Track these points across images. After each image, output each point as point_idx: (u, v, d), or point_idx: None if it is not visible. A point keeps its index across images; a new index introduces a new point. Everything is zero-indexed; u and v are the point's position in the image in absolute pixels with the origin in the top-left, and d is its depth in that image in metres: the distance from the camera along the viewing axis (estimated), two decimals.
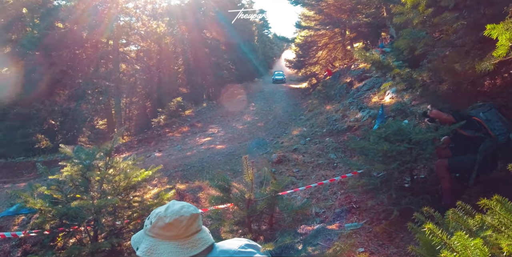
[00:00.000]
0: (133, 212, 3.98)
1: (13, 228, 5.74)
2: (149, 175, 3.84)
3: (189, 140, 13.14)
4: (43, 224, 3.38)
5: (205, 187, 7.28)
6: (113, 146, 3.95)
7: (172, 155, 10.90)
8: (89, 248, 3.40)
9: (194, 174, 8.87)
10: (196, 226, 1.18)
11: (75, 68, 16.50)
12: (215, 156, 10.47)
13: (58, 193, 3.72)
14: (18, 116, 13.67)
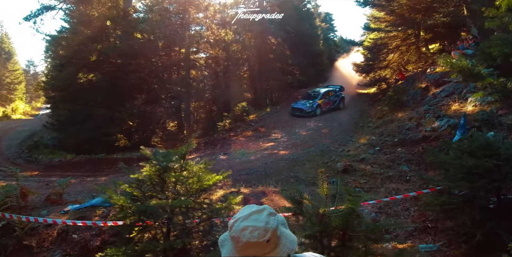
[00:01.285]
0: (203, 213, 4.11)
1: (94, 218, 6.33)
2: (220, 180, 3.93)
3: (253, 144, 13.35)
4: (124, 219, 3.64)
5: (269, 193, 7.27)
6: (188, 150, 4.13)
7: (236, 159, 11.17)
8: (163, 245, 3.58)
9: (258, 178, 8.94)
10: (271, 245, 1.14)
11: (151, 74, 17.97)
12: (278, 161, 10.46)
13: (137, 191, 4.00)
14: (102, 117, 15.28)
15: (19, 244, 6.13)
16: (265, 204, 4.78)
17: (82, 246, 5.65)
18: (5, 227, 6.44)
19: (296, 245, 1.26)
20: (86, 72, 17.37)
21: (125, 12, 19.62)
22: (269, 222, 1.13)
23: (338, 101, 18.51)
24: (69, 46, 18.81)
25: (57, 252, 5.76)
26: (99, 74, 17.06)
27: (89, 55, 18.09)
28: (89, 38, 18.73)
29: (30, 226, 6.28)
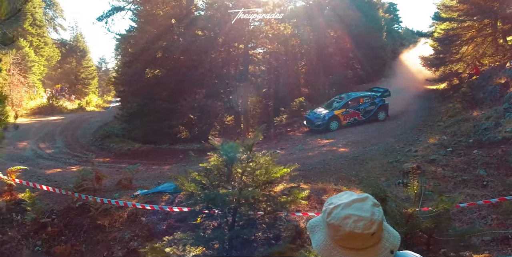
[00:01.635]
0: (268, 206, 4.06)
1: (161, 203, 6.68)
2: (287, 173, 3.84)
3: (310, 140, 13.10)
4: (193, 205, 3.74)
5: (329, 190, 7.04)
6: (254, 142, 4.11)
7: (293, 154, 11.04)
8: (229, 233, 3.61)
9: (316, 175, 8.72)
10: (375, 239, 1.03)
11: (211, 70, 18.55)
12: (337, 159, 10.10)
13: (205, 180, 4.09)
14: (166, 110, 16.19)
15: (93, 223, 6.71)
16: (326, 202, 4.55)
17: (149, 228, 6.00)
18: (81, 207, 7.10)
19: (399, 242, 1.15)
20: (152, 68, 18.51)
21: (188, 10, 20.46)
22: (374, 213, 1.03)
23: (374, 110, 14.54)
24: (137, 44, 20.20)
25: (126, 233, 6.19)
26: (163, 69, 18.07)
27: (155, 52, 19.22)
28: (155, 36, 19.90)
29: (103, 207, 6.84)
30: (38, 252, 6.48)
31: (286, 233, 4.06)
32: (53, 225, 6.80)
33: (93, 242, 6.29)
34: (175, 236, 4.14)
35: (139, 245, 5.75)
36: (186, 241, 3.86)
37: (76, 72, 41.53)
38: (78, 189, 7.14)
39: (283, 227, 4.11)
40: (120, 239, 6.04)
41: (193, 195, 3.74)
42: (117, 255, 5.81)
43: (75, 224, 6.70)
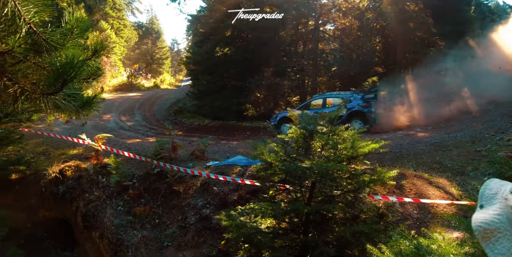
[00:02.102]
0: (348, 183, 3.78)
1: (232, 175, 6.80)
2: (375, 148, 3.49)
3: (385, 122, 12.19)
4: (272, 176, 3.62)
5: (409, 176, 6.45)
6: (337, 115, 3.81)
7: (366, 136, 10.38)
8: (308, 207, 3.43)
9: (392, 159, 8.08)
10: None
11: (279, 47, 18.15)
12: (416, 144, 9.24)
13: (282, 152, 3.94)
14: (234, 88, 16.43)
15: (170, 189, 7.13)
16: (405, 187, 3.99)
17: (221, 198, 6.15)
18: (159, 174, 7.57)
19: None
20: (222, 46, 18.78)
21: None
22: None
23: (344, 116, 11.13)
24: (207, 23, 20.58)
25: (199, 200, 6.45)
26: (232, 48, 18.22)
27: (225, 30, 19.41)
28: (225, 14, 20.04)
29: (179, 175, 7.21)
30: (120, 211, 7.13)
31: (367, 215, 3.75)
32: (134, 188, 7.40)
33: (169, 206, 6.69)
34: (247, 206, 4.12)
35: (211, 213, 5.95)
36: (259, 211, 3.80)
37: (151, 53, 44.44)
38: (156, 157, 7.61)
39: (365, 207, 3.81)
40: (193, 206, 6.32)
41: (271, 166, 3.62)
42: (190, 220, 6.10)
43: (153, 189, 7.19)
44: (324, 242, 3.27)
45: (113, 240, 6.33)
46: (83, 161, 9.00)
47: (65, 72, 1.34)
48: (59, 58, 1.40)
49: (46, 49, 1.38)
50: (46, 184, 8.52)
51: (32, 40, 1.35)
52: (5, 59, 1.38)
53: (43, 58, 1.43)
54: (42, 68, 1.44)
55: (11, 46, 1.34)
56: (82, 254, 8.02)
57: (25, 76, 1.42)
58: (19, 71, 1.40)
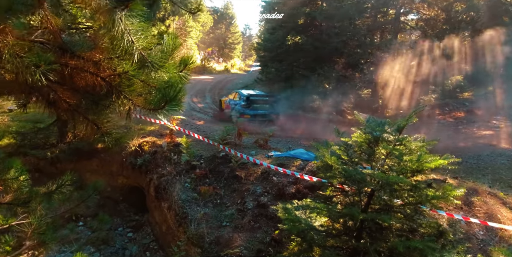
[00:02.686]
0: (409, 196, 3.73)
1: (292, 168, 7.02)
2: (442, 165, 3.37)
3: (464, 128, 11.19)
4: (331, 178, 3.74)
5: (482, 193, 5.97)
6: (407, 123, 3.72)
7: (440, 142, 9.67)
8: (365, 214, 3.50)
9: (466, 171, 7.49)
10: None
11: (353, 38, 17.39)
12: (496, 157, 8.39)
13: (344, 155, 4.00)
14: (302, 77, 16.33)
15: (232, 173, 7.63)
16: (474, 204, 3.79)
17: (279, 188, 6.43)
18: (224, 158, 8.11)
19: None
20: (294, 34, 18.65)
21: None
22: None
23: None
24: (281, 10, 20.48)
25: (258, 187, 6.82)
26: (304, 36, 17.98)
27: (298, 18, 19.18)
28: (299, 2, 19.71)
29: (242, 161, 7.66)
30: (187, 187, 7.87)
31: (426, 230, 3.67)
32: (201, 168, 8.07)
33: (230, 189, 7.21)
34: (304, 201, 4.30)
35: (268, 201, 6.28)
36: (315, 209, 3.96)
37: (224, 37, 45.89)
38: (223, 142, 8.15)
39: (425, 222, 3.73)
40: (252, 192, 6.72)
41: (331, 168, 3.73)
42: (248, 205, 6.52)
43: (217, 171, 7.77)
44: (375, 251, 3.33)
45: (179, 212, 7.07)
46: (158, 138, 9.98)
47: (167, 94, 1.67)
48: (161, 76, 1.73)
49: (150, 69, 1.70)
50: (126, 155, 9.68)
51: (141, 63, 1.68)
52: (122, 79, 1.75)
53: (148, 77, 1.77)
54: (147, 85, 1.79)
55: (126, 69, 1.69)
56: (151, 220, 9.10)
57: (139, 95, 1.79)
58: (133, 90, 1.77)
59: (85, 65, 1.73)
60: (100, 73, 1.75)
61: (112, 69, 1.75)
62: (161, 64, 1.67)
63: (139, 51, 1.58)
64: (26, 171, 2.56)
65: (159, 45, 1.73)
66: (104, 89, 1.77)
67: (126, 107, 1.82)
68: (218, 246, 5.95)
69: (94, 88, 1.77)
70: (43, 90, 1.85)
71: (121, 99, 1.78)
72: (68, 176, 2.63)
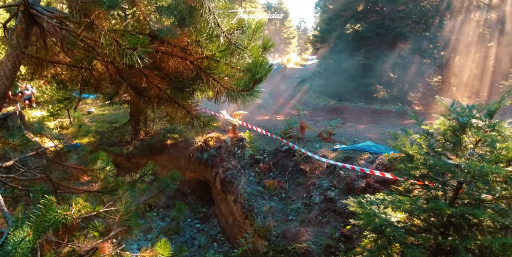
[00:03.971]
0: (503, 189, 3.27)
1: (360, 161, 6.68)
2: None
3: None
4: (412, 169, 3.44)
5: None
6: (499, 107, 3.26)
7: None
8: (452, 209, 3.16)
9: None
10: None
11: (420, 21, 15.97)
12: None
13: (425, 144, 3.65)
14: (364, 67, 15.48)
15: (296, 167, 7.53)
16: None
17: (347, 183, 6.16)
18: (287, 151, 8.04)
19: None
20: (353, 23, 17.75)
21: None
22: None
23: None
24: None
25: (325, 182, 6.62)
26: (364, 24, 17.01)
27: (356, 5, 18.20)
28: None
29: (306, 155, 7.52)
30: (252, 181, 7.96)
31: None
32: (264, 162, 8.11)
33: (295, 183, 7.12)
34: (378, 195, 4.04)
35: (336, 196, 6.06)
36: (392, 204, 3.69)
37: (279, 33, 45.65)
38: (286, 136, 8.08)
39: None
40: (318, 186, 6.55)
41: (412, 159, 3.42)
42: (314, 199, 6.37)
43: (281, 165, 7.73)
44: (465, 249, 2.98)
45: (245, 205, 7.20)
46: (222, 133, 10.27)
47: (256, 74, 1.63)
48: (245, 58, 1.71)
49: (236, 51, 1.69)
50: (193, 150, 10.13)
51: (226, 45, 1.67)
52: (209, 62, 1.76)
53: (232, 60, 1.76)
54: (232, 67, 1.78)
55: (213, 51, 1.70)
56: (217, 212, 9.43)
57: (227, 77, 1.80)
58: (221, 72, 1.77)
59: (173, 50, 1.78)
60: (188, 57, 1.78)
61: (199, 52, 1.77)
62: (245, 46, 1.65)
63: (224, 33, 1.58)
64: (111, 162, 2.75)
65: (241, 28, 1.70)
66: (194, 72, 1.81)
67: (216, 89, 1.84)
68: (285, 240, 5.92)
69: (182, 73, 1.82)
70: (133, 80, 1.97)
71: (210, 82, 1.80)
72: (150, 166, 2.78)
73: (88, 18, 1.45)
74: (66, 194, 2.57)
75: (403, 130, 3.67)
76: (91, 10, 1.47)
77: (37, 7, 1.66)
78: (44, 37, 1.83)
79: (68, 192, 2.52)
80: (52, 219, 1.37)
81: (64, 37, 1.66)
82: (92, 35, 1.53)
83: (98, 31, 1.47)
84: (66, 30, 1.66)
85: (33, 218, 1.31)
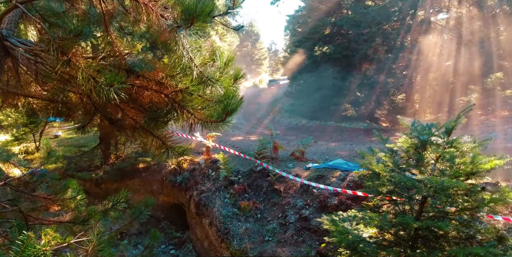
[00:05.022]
0: (465, 201, 3.49)
1: (332, 179, 6.83)
2: (499, 166, 3.15)
3: (510, 128, 10.42)
4: (379, 186, 3.60)
5: None
6: (455, 125, 3.54)
7: None
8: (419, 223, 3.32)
9: None
10: None
11: (384, 43, 17.08)
12: None
13: (390, 161, 3.85)
14: (333, 87, 16.16)
15: (271, 187, 7.56)
16: None
17: (320, 201, 6.27)
18: (261, 172, 8.09)
19: None
20: (321, 45, 18.67)
21: None
22: None
23: None
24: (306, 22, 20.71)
25: (299, 200, 6.69)
26: (332, 46, 17.94)
27: (324, 29, 19.22)
28: (323, 13, 19.82)
29: (280, 175, 7.59)
30: (227, 203, 7.89)
31: (483, 236, 3.40)
32: (239, 183, 8.09)
33: (270, 203, 7.13)
34: (350, 213, 4.16)
35: (310, 214, 6.13)
36: (364, 220, 3.81)
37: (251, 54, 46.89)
38: (260, 156, 8.15)
39: (482, 228, 3.46)
40: (293, 205, 6.60)
41: (379, 176, 3.59)
42: (290, 219, 6.40)
43: (256, 185, 7.75)
44: None
45: (220, 228, 7.08)
46: (196, 155, 10.18)
47: (228, 106, 1.73)
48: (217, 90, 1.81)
49: (208, 83, 1.79)
50: (166, 174, 9.94)
51: (199, 78, 1.77)
52: (183, 95, 1.85)
53: (205, 91, 1.86)
54: (205, 99, 1.88)
55: (187, 85, 1.79)
56: (192, 237, 9.17)
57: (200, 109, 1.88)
58: (194, 105, 1.86)
59: (148, 84, 1.85)
60: (163, 90, 1.85)
61: (173, 86, 1.85)
62: (217, 78, 1.75)
63: (198, 67, 1.67)
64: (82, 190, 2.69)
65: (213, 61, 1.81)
66: (169, 105, 1.88)
67: (190, 121, 1.91)
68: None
69: (157, 105, 1.88)
70: (106, 110, 1.99)
71: (184, 114, 1.87)
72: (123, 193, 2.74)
73: (66, 56, 1.50)
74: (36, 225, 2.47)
75: (369, 148, 3.85)
76: (69, 47, 1.51)
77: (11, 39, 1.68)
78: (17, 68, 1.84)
79: (39, 223, 2.42)
80: (31, 255, 1.35)
81: (39, 70, 1.69)
82: (67, 70, 1.57)
83: (75, 68, 1.52)
84: (41, 64, 1.68)
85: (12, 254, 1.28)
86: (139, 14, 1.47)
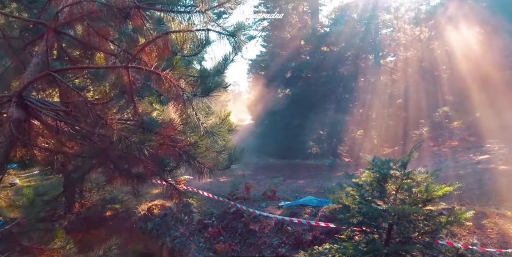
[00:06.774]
0: (425, 225, 3.91)
1: (304, 215, 7.07)
2: (449, 192, 3.65)
3: (460, 156, 11.51)
4: (350, 218, 3.92)
5: (490, 215, 6.12)
6: (409, 159, 4.06)
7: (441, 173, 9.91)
8: (387, 248, 3.63)
9: (471, 197, 7.66)
10: None
11: (340, 84, 18.60)
12: (497, 178, 8.64)
13: (357, 194, 4.24)
14: (297, 126, 17.00)
15: (246, 227, 7.59)
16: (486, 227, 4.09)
17: (295, 237, 6.42)
18: (235, 213, 8.13)
19: None
20: (283, 88, 19.91)
21: (313, 29, 21.41)
22: None
23: None
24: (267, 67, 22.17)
25: (275, 239, 6.78)
26: (293, 88, 19.18)
27: (285, 72, 20.65)
28: (284, 57, 21.43)
29: (254, 215, 7.69)
30: (202, 247, 7.74)
31: (446, 256, 3.80)
32: (213, 226, 8.02)
33: (246, 244, 7.12)
34: (325, 246, 4.40)
35: (287, 252, 6.23)
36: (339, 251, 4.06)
37: None
38: (233, 197, 8.26)
39: (443, 248, 3.86)
40: (269, 244, 6.67)
41: (349, 208, 3.94)
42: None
43: (230, 227, 7.73)
44: None
45: None
46: (166, 200, 9.97)
47: (232, 155, 2.07)
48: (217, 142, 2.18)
49: (211, 138, 2.14)
50: (136, 221, 9.55)
51: (206, 134, 2.13)
52: (194, 148, 2.17)
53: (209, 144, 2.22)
54: (209, 150, 2.21)
55: (195, 140, 2.13)
56: None
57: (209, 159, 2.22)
58: (204, 156, 2.21)
59: (164, 139, 2.16)
60: (176, 145, 2.17)
61: (185, 140, 2.19)
62: (217, 132, 2.11)
63: (204, 125, 2.05)
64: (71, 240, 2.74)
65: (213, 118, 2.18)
66: (183, 157, 2.20)
67: (200, 170, 2.21)
68: None
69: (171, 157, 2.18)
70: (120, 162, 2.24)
71: (196, 163, 2.17)
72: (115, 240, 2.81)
73: (103, 120, 1.76)
74: None
75: (339, 184, 4.25)
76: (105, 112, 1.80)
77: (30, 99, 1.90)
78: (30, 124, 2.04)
79: None
80: None
81: (61, 129, 1.91)
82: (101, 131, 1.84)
83: (110, 130, 1.79)
84: (64, 123, 1.91)
85: None
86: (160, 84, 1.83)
